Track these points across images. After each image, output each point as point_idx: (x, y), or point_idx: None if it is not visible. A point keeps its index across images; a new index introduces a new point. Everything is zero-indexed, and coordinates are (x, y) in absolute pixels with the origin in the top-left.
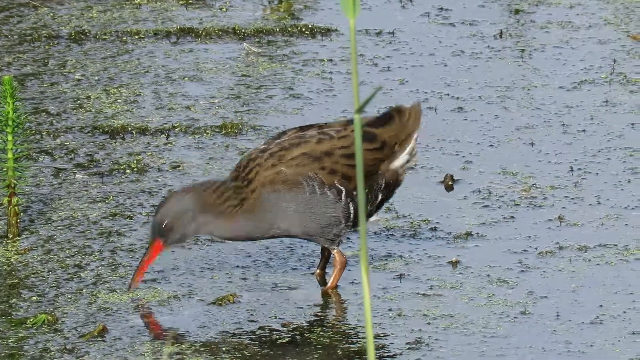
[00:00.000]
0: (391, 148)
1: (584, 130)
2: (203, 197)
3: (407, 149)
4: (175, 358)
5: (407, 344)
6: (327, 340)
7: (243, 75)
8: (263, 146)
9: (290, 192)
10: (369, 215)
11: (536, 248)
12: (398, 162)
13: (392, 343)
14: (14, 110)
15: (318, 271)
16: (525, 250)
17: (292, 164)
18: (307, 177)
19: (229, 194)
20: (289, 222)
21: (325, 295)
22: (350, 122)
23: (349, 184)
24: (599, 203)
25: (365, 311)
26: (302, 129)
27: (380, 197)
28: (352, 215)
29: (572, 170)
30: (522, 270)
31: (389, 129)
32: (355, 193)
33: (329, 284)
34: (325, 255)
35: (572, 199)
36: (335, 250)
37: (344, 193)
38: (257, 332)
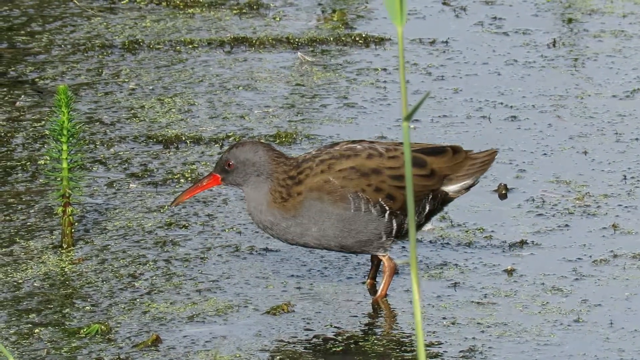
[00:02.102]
0: (440, 178)
1: (637, 139)
2: (277, 166)
3: (462, 184)
4: None
5: (460, 352)
6: (381, 349)
7: (297, 85)
8: (316, 152)
9: (335, 206)
10: (417, 227)
11: (590, 256)
12: (448, 188)
13: (445, 351)
14: (69, 120)
15: (369, 280)
16: (579, 259)
17: (339, 175)
18: (355, 194)
19: (289, 182)
20: (325, 232)
21: (375, 304)
22: (400, 144)
23: (393, 203)
24: None
25: (416, 321)
26: (353, 142)
27: (428, 208)
28: (394, 231)
29: (625, 178)
30: (577, 279)
31: (440, 160)
32: (399, 212)
33: (378, 293)
34: (375, 264)
35: (626, 207)
36: (385, 257)
37: (387, 212)
38: (311, 341)
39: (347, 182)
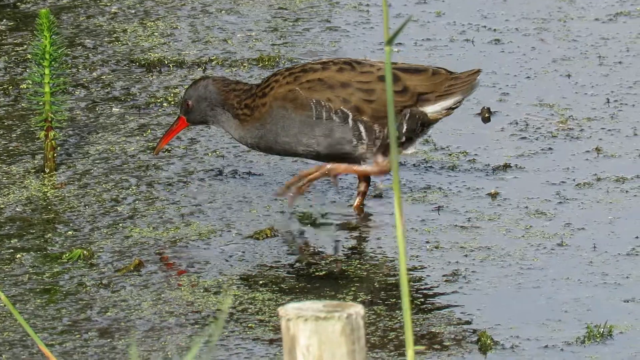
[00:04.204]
0: (414, 96)
1: (620, 62)
2: (227, 94)
3: (441, 104)
4: (214, 291)
5: (443, 276)
6: (364, 273)
7: (280, 8)
8: (292, 66)
9: (296, 112)
10: (398, 146)
11: (574, 180)
12: (427, 109)
13: (429, 275)
14: (51, 44)
15: (356, 203)
16: (563, 182)
17: (305, 86)
18: (317, 102)
19: (248, 101)
20: (292, 139)
21: (358, 211)
22: (382, 62)
23: (359, 115)
24: (635, 134)
25: (399, 245)
26: (336, 59)
27: (405, 127)
28: (363, 134)
29: (608, 101)
30: (560, 202)
31: (415, 77)
32: (364, 119)
33: (350, 168)
34: (362, 191)
35: (609, 130)
36: (378, 158)
37: (350, 117)
38: (294, 265)
39: (312, 92)
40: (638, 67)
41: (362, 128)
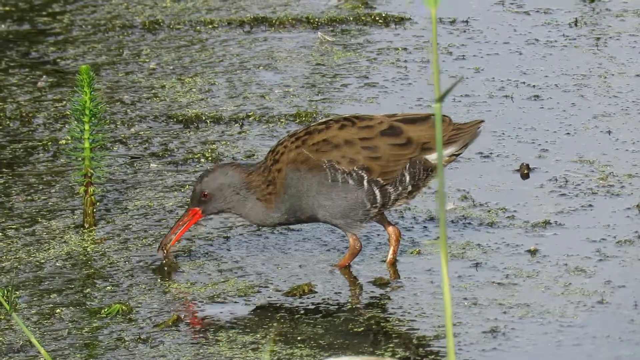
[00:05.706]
0: (418, 146)
1: None
2: (249, 176)
3: (444, 152)
4: (252, 347)
5: (482, 332)
6: (403, 329)
7: (318, 64)
8: (294, 131)
9: (311, 173)
10: (397, 198)
11: (615, 237)
12: (429, 156)
13: (467, 332)
14: (90, 100)
15: (389, 259)
16: (603, 239)
17: (313, 148)
18: (329, 164)
19: (269, 176)
20: (312, 200)
21: (390, 267)
22: (390, 115)
23: (369, 174)
24: None
25: (445, 300)
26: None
27: (408, 177)
28: (378, 198)
29: None
30: (600, 259)
31: (417, 127)
32: (378, 179)
33: (338, 263)
34: (394, 246)
35: None
36: (352, 236)
37: (365, 179)
38: (332, 322)
39: (320, 154)
40: None
41: (376, 191)
